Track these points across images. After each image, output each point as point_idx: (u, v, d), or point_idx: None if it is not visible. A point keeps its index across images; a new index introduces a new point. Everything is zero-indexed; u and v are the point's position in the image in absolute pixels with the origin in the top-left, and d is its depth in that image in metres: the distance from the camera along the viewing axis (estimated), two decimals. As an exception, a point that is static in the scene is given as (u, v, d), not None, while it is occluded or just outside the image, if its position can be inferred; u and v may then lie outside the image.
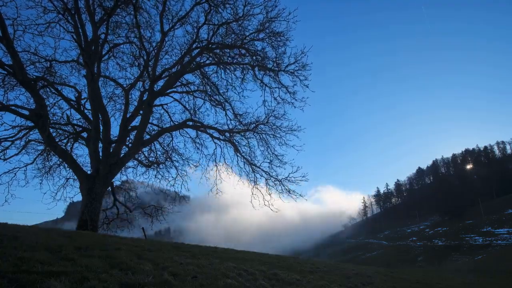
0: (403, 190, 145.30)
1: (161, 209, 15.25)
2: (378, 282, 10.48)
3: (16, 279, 3.22)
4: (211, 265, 6.33)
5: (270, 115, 13.92)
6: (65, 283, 3.36)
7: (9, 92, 12.12)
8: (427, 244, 73.65)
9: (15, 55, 10.44)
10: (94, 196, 11.20)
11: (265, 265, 8.30)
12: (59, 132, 14.08)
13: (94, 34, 12.45)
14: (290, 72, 13.35)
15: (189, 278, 4.77)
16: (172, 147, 15.58)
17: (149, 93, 13.22)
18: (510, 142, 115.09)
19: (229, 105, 14.56)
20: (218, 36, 13.64)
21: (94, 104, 12.37)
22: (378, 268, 19.97)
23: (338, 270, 11.24)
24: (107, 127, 12.62)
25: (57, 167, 14.66)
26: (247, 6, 12.62)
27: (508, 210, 72.04)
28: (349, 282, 8.94)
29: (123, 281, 3.89)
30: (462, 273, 27.36)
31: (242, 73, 14.09)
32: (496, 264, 35.39)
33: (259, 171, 14.48)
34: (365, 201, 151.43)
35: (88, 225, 10.74)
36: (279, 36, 13.04)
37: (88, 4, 12.15)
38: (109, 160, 12.00)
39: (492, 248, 54.38)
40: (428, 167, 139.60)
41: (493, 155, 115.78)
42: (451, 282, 17.61)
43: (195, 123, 14.55)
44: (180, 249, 8.08)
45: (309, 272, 9.12)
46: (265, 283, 5.90)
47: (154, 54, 13.71)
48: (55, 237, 6.03)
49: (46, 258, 4.14)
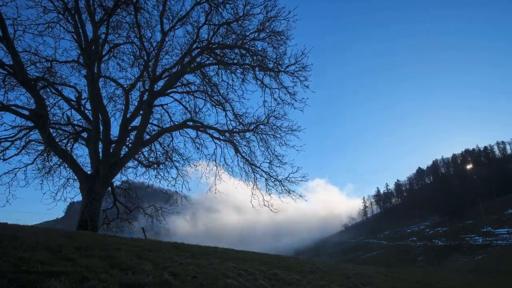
0: (403, 190, 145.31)
1: (161, 209, 15.25)
2: (378, 282, 10.48)
3: (16, 279, 3.23)
4: (211, 265, 6.33)
5: (270, 115, 13.95)
6: (65, 283, 3.37)
7: (9, 92, 12.13)
8: (427, 244, 73.60)
9: (16, 55, 10.44)
10: (94, 196, 11.20)
11: (265, 265, 8.31)
12: (59, 132, 14.09)
13: (94, 34, 12.44)
14: (290, 73, 13.36)
15: (189, 278, 4.77)
16: (172, 147, 15.61)
17: (149, 93, 13.22)
18: (510, 142, 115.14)
19: (229, 105, 14.58)
20: (218, 36, 13.65)
21: (94, 104, 12.37)
22: (378, 268, 19.97)
23: (338, 270, 11.24)
24: (107, 127, 12.62)
25: (57, 167, 14.67)
26: (247, 6, 12.64)
27: (508, 210, 72.00)
28: (349, 282, 8.94)
29: (123, 281, 3.89)
30: (462, 273, 27.36)
31: (242, 74, 14.11)
32: (496, 264, 35.39)
33: (259, 171, 14.51)
34: (365, 201, 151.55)
35: (88, 225, 10.74)
36: (279, 35, 13.05)
37: (88, 4, 12.15)
38: (109, 160, 12.00)
39: (492, 248, 54.35)
40: (428, 167, 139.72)
41: (493, 155, 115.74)
42: (451, 282, 17.61)
43: (195, 123, 14.55)
44: (180, 249, 8.09)
45: (309, 272, 9.12)
46: (265, 283, 5.90)
47: (154, 54, 13.71)
48: (55, 237, 6.03)
49: (46, 258, 4.14)
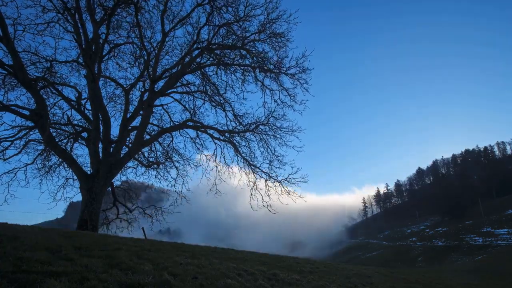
0: (403, 190, 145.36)
1: (161, 209, 15.26)
2: (378, 282, 10.48)
3: (16, 279, 3.23)
4: (211, 265, 6.33)
5: (270, 115, 13.97)
6: (65, 283, 3.37)
7: (9, 92, 12.14)
8: (427, 244, 73.59)
9: (16, 55, 10.44)
10: (94, 196, 11.20)
11: (265, 265, 8.30)
12: (59, 132, 14.10)
13: (94, 34, 12.44)
14: (291, 75, 13.38)
15: (189, 278, 4.77)
16: (172, 147, 15.61)
17: (150, 93, 13.22)
18: (510, 142, 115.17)
19: (229, 105, 14.59)
20: (219, 37, 13.66)
21: (94, 104, 12.37)
22: (378, 268, 19.95)
23: (338, 270, 11.23)
24: (107, 127, 12.62)
25: (57, 167, 14.67)
26: (248, 7, 12.66)
27: (508, 210, 71.94)
28: (349, 282, 8.93)
29: (123, 281, 3.89)
30: (462, 274, 27.34)
31: (243, 75, 14.13)
32: (496, 265, 35.35)
33: (258, 171, 14.52)
34: (365, 201, 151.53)
35: (88, 225, 10.75)
36: (280, 37, 13.07)
37: (88, 4, 12.15)
38: (109, 160, 12.00)
39: (492, 248, 54.30)
40: (428, 167, 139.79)
41: (493, 155, 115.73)
42: (451, 282, 17.60)
43: (195, 123, 14.56)
44: (180, 249, 8.08)
45: (309, 272, 9.11)
46: (265, 283, 5.90)
47: (154, 54, 13.72)
48: (55, 237, 6.03)
49: (46, 258, 4.15)
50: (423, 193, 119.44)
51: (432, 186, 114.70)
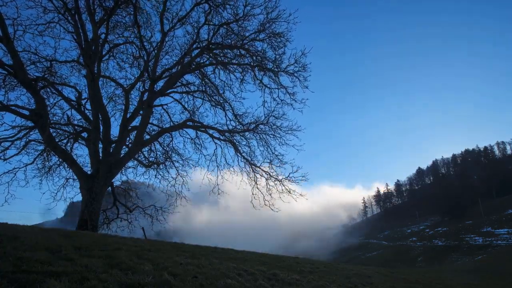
0: (403, 190, 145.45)
1: (161, 209, 15.25)
2: (378, 282, 10.48)
3: (16, 279, 3.23)
4: (211, 265, 6.33)
5: (270, 115, 13.95)
6: (65, 283, 3.37)
7: (9, 92, 12.13)
8: (427, 244, 73.63)
9: (16, 55, 10.44)
10: (94, 196, 11.20)
11: (265, 265, 8.30)
12: (59, 132, 14.09)
13: (94, 34, 12.45)
14: (290, 73, 13.37)
15: (189, 278, 4.77)
16: (172, 147, 15.61)
17: (149, 93, 13.22)
18: (510, 142, 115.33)
19: (228, 105, 14.58)
20: (218, 36, 13.65)
21: (94, 104, 12.37)
22: (378, 268, 19.95)
23: (338, 270, 11.23)
24: (107, 127, 12.62)
25: (57, 167, 14.67)
26: (247, 7, 12.65)
27: (508, 210, 71.99)
28: (349, 282, 8.93)
29: (123, 281, 3.89)
30: (462, 273, 27.33)
31: (242, 74, 14.12)
32: (496, 265, 35.34)
33: (259, 171, 14.51)
34: (365, 201, 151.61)
35: (88, 225, 10.75)
36: (279, 37, 13.06)
37: (88, 4, 12.15)
38: (109, 160, 12.00)
39: (492, 248, 54.34)
40: (428, 167, 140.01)
41: (493, 155, 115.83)
42: (451, 282, 17.61)
43: (195, 123, 14.56)
44: (180, 249, 8.08)
45: (309, 272, 9.11)
46: (265, 283, 5.90)
47: (154, 54, 13.71)
48: (55, 237, 6.03)
49: (46, 258, 4.15)
50: (423, 193, 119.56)
51: (432, 186, 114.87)
